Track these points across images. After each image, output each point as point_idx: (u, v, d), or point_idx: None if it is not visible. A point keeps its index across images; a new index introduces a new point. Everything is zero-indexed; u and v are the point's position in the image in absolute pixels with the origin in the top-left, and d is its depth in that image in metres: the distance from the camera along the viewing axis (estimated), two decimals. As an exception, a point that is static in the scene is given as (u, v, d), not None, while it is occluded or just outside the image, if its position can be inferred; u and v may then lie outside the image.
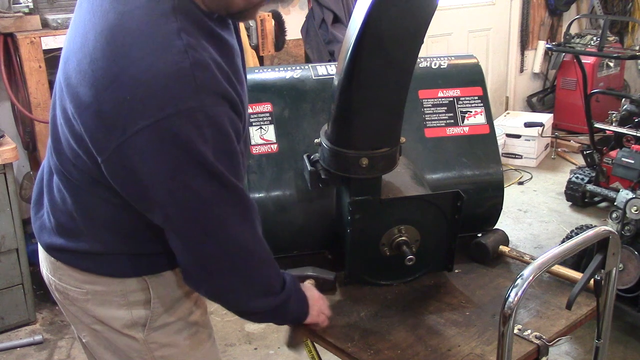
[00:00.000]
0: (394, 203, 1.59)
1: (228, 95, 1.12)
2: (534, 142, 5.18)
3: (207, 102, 1.07)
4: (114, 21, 1.10)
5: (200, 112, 1.06)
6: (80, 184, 1.24)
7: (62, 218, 1.31)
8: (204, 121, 1.07)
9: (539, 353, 1.44)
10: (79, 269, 1.32)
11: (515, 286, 1.21)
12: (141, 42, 1.07)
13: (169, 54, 1.06)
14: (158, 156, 1.07)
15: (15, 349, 2.96)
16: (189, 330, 1.40)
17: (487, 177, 1.89)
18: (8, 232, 2.92)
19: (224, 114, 1.11)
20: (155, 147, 1.06)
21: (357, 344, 1.47)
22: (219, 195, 1.13)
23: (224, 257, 1.21)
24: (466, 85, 1.97)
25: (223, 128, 1.11)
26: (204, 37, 1.13)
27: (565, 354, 2.88)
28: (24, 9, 3.04)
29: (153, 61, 1.06)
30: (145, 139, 1.05)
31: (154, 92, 1.05)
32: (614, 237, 1.38)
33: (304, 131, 1.81)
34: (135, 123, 1.05)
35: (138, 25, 1.09)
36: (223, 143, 1.11)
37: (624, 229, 2.96)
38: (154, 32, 1.08)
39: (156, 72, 1.05)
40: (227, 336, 3.05)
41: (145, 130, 1.05)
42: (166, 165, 1.08)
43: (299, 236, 1.78)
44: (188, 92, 1.06)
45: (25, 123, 3.22)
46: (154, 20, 1.09)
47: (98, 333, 1.37)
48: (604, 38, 3.92)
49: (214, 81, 1.10)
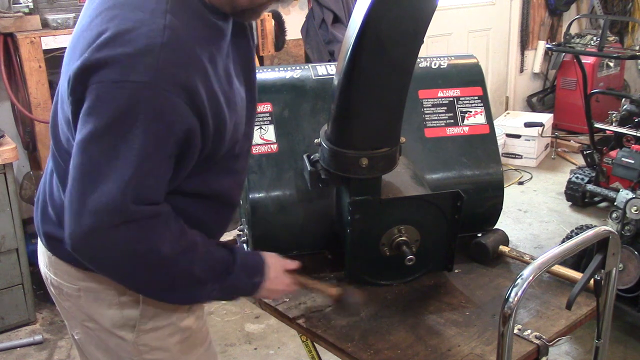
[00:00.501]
0: (394, 203, 1.59)
1: (191, 88, 1.10)
2: (534, 142, 5.18)
3: (161, 85, 1.07)
4: None
5: (147, 90, 1.06)
6: None
7: (57, 208, 1.32)
8: (148, 100, 1.07)
9: (538, 353, 1.44)
10: (72, 264, 1.32)
11: (515, 286, 1.21)
12: (126, 13, 1.10)
13: (145, 28, 1.08)
14: (92, 112, 1.08)
15: (15, 349, 2.97)
16: (181, 335, 1.39)
17: (487, 177, 1.88)
18: (8, 232, 2.92)
19: (175, 106, 1.09)
20: (93, 103, 1.08)
21: (357, 343, 1.47)
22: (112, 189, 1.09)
23: (101, 254, 1.15)
24: (466, 85, 1.96)
25: (163, 116, 1.09)
26: (196, 25, 1.14)
27: (565, 354, 2.88)
28: (24, 9, 3.05)
29: (128, 30, 1.08)
30: (94, 92, 1.08)
31: (115, 56, 1.07)
32: (614, 237, 1.38)
33: (304, 131, 1.81)
34: (93, 76, 1.07)
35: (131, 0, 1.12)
36: (157, 129, 1.09)
37: (624, 229, 2.96)
38: (141, 8, 1.11)
39: (126, 40, 1.07)
40: (227, 336, 3.05)
41: (96, 85, 1.07)
42: (93, 122, 1.08)
43: (299, 236, 1.78)
44: (146, 68, 1.06)
45: (25, 123, 3.22)
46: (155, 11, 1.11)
47: (90, 331, 1.37)
48: (604, 38, 3.92)
49: (179, 68, 1.09)
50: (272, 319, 3.06)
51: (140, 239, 1.13)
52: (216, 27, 1.20)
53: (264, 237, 1.75)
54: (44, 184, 1.40)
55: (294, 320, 1.59)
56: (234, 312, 3.23)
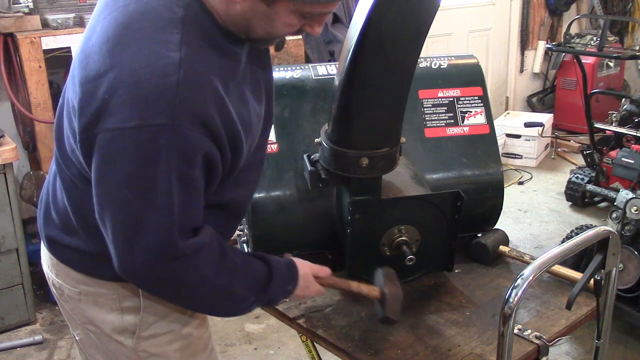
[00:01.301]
0: (394, 203, 1.59)
1: (210, 121, 1.09)
2: (534, 142, 5.18)
3: (180, 123, 1.05)
4: (123, 17, 1.11)
5: (167, 132, 1.05)
6: (74, 179, 1.25)
7: (60, 212, 1.32)
8: (169, 141, 1.05)
9: (539, 353, 1.44)
10: (73, 268, 1.32)
11: (515, 286, 1.21)
12: (138, 46, 1.07)
13: (160, 64, 1.05)
14: (115, 160, 1.08)
15: (15, 349, 2.97)
16: (182, 342, 1.38)
17: (487, 177, 1.88)
18: (8, 232, 2.92)
19: (195, 141, 1.08)
20: (115, 152, 1.07)
21: (357, 343, 1.47)
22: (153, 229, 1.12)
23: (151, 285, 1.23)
24: (466, 85, 1.96)
25: (186, 153, 1.08)
26: (211, 54, 1.12)
27: (565, 354, 2.88)
28: (24, 9, 3.05)
29: (141, 68, 1.05)
30: (107, 139, 1.07)
31: (130, 99, 1.04)
32: (614, 237, 1.38)
33: (304, 131, 1.81)
34: (105, 122, 1.06)
35: (143, 28, 1.09)
36: (181, 168, 1.08)
37: (624, 229, 2.96)
38: (154, 39, 1.07)
39: (140, 79, 1.04)
40: (227, 336, 3.05)
41: (110, 133, 1.06)
42: (118, 171, 1.08)
43: (299, 236, 1.78)
44: (163, 108, 1.04)
45: (25, 123, 3.22)
46: (160, 27, 1.08)
47: (90, 333, 1.37)
48: (604, 38, 3.92)
49: (197, 103, 1.07)
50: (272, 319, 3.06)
51: (189, 271, 1.17)
52: (230, 52, 1.17)
53: (264, 237, 1.75)
54: (47, 187, 1.40)
55: (294, 320, 1.59)
56: (234, 312, 3.23)
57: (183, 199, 1.11)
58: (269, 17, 1.13)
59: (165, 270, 1.16)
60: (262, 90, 1.32)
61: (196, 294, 1.23)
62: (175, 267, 1.16)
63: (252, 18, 1.13)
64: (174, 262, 1.15)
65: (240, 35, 1.18)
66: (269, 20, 1.14)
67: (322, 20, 1.19)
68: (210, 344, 1.47)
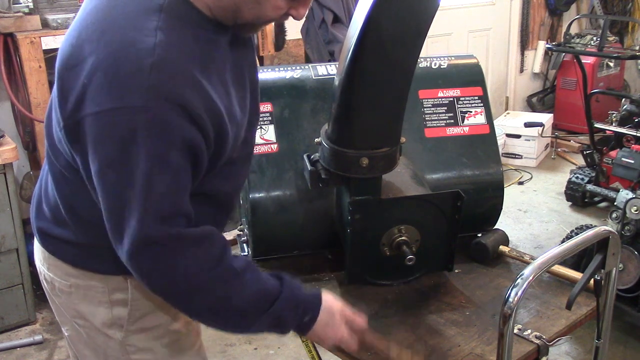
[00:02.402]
0: (394, 203, 1.59)
1: (187, 104, 1.09)
2: (534, 142, 5.18)
3: (154, 105, 1.06)
4: (102, 5, 1.15)
5: (145, 112, 1.06)
6: (63, 170, 1.25)
7: (50, 204, 1.33)
8: (145, 123, 1.06)
9: (539, 353, 1.44)
10: (64, 261, 1.33)
11: (515, 286, 1.21)
12: (115, 32, 1.10)
13: (134, 48, 1.07)
14: (96, 145, 1.09)
15: (15, 349, 2.97)
16: (170, 338, 1.38)
17: (487, 177, 1.88)
18: (8, 232, 2.92)
19: (173, 123, 1.08)
20: (96, 135, 1.09)
21: (357, 343, 1.47)
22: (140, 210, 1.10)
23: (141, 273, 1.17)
24: (466, 85, 1.96)
25: (164, 136, 1.08)
26: (188, 40, 1.13)
27: (565, 354, 2.88)
28: (24, 9, 3.05)
29: (116, 52, 1.08)
30: (89, 124, 1.09)
31: (107, 83, 1.07)
32: (614, 237, 1.38)
33: (304, 131, 1.81)
34: (86, 107, 1.08)
35: (120, 15, 1.12)
36: (158, 149, 1.08)
37: (624, 229, 2.96)
38: (131, 25, 1.10)
39: (115, 63, 1.07)
40: (227, 336, 3.05)
41: (91, 117, 1.08)
42: (101, 154, 1.09)
43: (299, 236, 1.78)
44: (138, 90, 1.06)
45: (25, 123, 3.22)
46: (136, 14, 1.11)
47: (79, 328, 1.38)
48: (604, 38, 3.92)
49: (171, 86, 1.08)
50: (272, 319, 3.07)
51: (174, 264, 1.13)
52: (210, 40, 1.18)
53: (264, 237, 1.75)
54: (41, 181, 1.41)
55: (294, 320, 1.59)
56: (234, 312, 3.23)
57: (164, 182, 1.10)
58: (257, 1, 1.15)
59: (150, 258, 1.12)
60: (247, 82, 1.32)
61: (189, 294, 1.16)
62: (157, 256, 1.12)
63: (242, 2, 1.15)
64: (155, 249, 1.11)
65: (227, 21, 1.19)
66: (258, 3, 1.15)
67: (308, 3, 1.20)
68: (198, 342, 1.47)
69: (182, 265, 1.13)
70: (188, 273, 1.14)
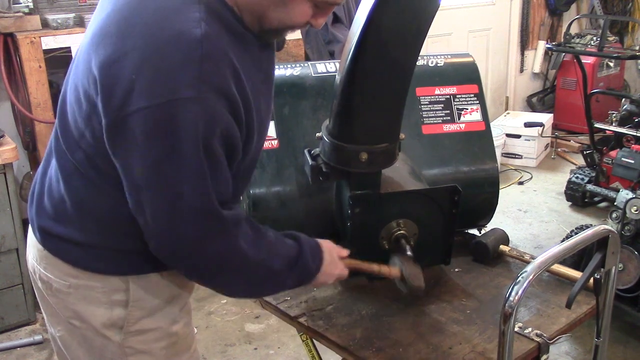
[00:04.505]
0: (393, 197, 1.60)
1: (231, 95, 1.12)
2: (534, 142, 5.18)
3: (206, 96, 1.08)
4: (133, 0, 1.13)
5: (197, 104, 1.08)
6: (78, 165, 1.25)
7: (54, 201, 1.31)
8: (198, 114, 1.08)
9: (539, 351, 1.44)
10: (64, 260, 1.31)
11: (516, 284, 1.21)
12: (159, 24, 1.09)
13: (183, 41, 1.08)
14: (148, 140, 1.09)
15: (15, 349, 2.97)
16: (168, 340, 1.38)
17: (483, 173, 1.91)
18: (8, 232, 2.92)
19: (220, 113, 1.11)
20: (148, 130, 1.09)
21: (359, 342, 1.47)
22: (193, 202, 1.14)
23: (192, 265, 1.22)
24: (462, 83, 1.99)
25: (213, 127, 1.11)
26: (226, 34, 1.14)
27: (565, 354, 2.88)
28: (24, 9, 3.05)
29: (164, 45, 1.08)
30: (142, 119, 1.08)
31: (158, 76, 1.07)
32: (613, 236, 1.38)
33: (304, 128, 1.82)
34: (136, 101, 1.08)
35: (159, 7, 1.11)
36: (208, 139, 1.11)
37: (624, 229, 2.96)
38: (173, 17, 1.10)
39: (165, 57, 1.07)
40: (227, 336, 3.05)
41: (143, 111, 1.08)
42: (155, 147, 1.10)
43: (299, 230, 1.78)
44: (190, 81, 1.07)
45: (25, 123, 3.23)
46: (176, 6, 1.11)
47: (75, 329, 1.36)
48: (604, 38, 3.93)
49: (220, 77, 1.10)
50: (272, 318, 3.07)
51: (231, 244, 1.20)
52: (245, 36, 1.20)
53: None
54: (40, 177, 1.38)
55: (295, 319, 1.59)
56: (234, 312, 3.23)
57: (214, 171, 1.14)
58: (285, 5, 1.17)
59: (210, 243, 1.17)
60: (272, 83, 1.35)
61: (238, 269, 1.24)
62: (219, 240, 1.18)
63: (269, 6, 1.17)
64: (218, 234, 1.18)
65: (253, 26, 1.20)
66: (285, 9, 1.17)
67: (329, 11, 1.22)
68: (193, 345, 1.47)
69: (239, 244, 1.21)
70: (242, 250, 1.22)
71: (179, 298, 1.40)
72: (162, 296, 1.36)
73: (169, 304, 1.37)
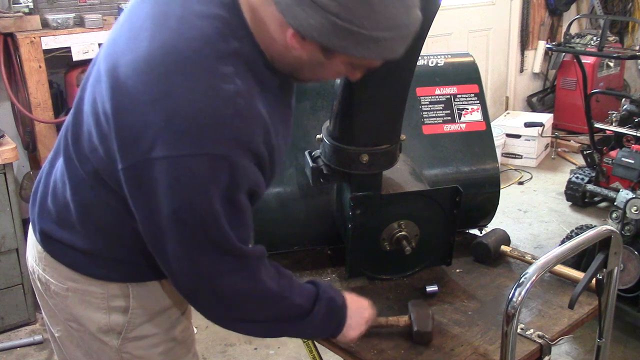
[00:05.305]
0: (394, 198, 1.60)
1: (259, 152, 1.13)
2: (534, 142, 5.18)
3: (236, 153, 1.08)
4: (175, 41, 1.09)
5: (225, 160, 1.07)
6: (86, 177, 1.23)
7: (58, 205, 1.30)
8: (226, 169, 1.08)
9: (541, 352, 1.44)
10: (63, 263, 1.31)
11: (519, 285, 1.20)
12: (195, 75, 1.07)
13: (217, 97, 1.06)
14: (171, 189, 1.08)
15: (15, 349, 2.96)
16: (166, 346, 1.38)
17: (484, 173, 1.91)
18: (8, 232, 2.92)
19: (247, 168, 1.11)
20: (172, 179, 1.07)
21: (361, 343, 1.47)
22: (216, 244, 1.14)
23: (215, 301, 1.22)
24: (463, 82, 1.99)
25: (241, 180, 1.11)
26: (258, 87, 1.13)
27: (566, 354, 2.88)
28: (24, 9, 3.05)
29: (198, 98, 1.06)
30: (165, 168, 1.07)
31: (187, 128, 1.05)
32: (615, 236, 1.38)
33: (304, 128, 1.81)
34: (161, 149, 1.06)
35: (198, 57, 1.08)
36: (234, 194, 1.12)
37: (624, 229, 2.96)
38: (208, 70, 1.07)
39: (197, 110, 1.06)
40: (227, 336, 3.05)
41: (167, 160, 1.06)
42: (176, 198, 1.09)
43: (300, 232, 1.79)
44: (220, 139, 1.07)
45: (25, 123, 3.22)
46: (215, 58, 1.08)
47: (73, 331, 1.35)
48: (604, 38, 3.92)
49: (250, 135, 1.10)
50: (273, 319, 3.07)
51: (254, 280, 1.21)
52: (272, 86, 1.19)
53: (265, 233, 1.74)
54: (44, 178, 1.36)
55: (296, 320, 1.58)
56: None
57: (237, 220, 1.15)
58: (322, 66, 1.15)
59: (231, 277, 1.18)
60: (292, 113, 1.34)
61: (260, 303, 1.24)
62: (240, 274, 1.19)
63: (306, 64, 1.16)
64: (240, 270, 1.18)
65: (284, 72, 1.20)
66: (321, 68, 1.17)
67: (365, 68, 1.21)
68: (192, 350, 1.47)
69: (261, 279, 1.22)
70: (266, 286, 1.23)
71: (180, 304, 1.40)
72: (164, 302, 1.36)
73: (170, 309, 1.37)
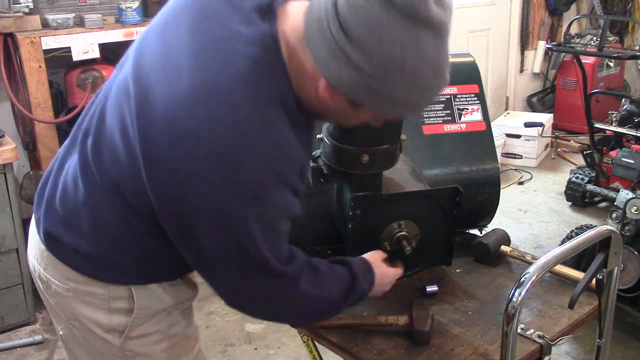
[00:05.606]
0: (394, 198, 1.60)
1: (296, 187, 1.17)
2: (534, 142, 5.18)
3: (277, 192, 1.12)
4: (215, 74, 1.09)
5: (263, 193, 1.11)
6: (102, 184, 1.22)
7: (67, 208, 1.28)
8: (263, 201, 1.11)
9: (541, 352, 1.44)
10: (65, 264, 1.30)
11: (520, 285, 1.20)
12: (235, 116, 1.08)
13: (260, 144, 1.08)
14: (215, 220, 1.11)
15: (15, 349, 2.96)
16: (168, 342, 1.38)
17: (484, 173, 1.91)
18: (8, 232, 2.92)
19: (289, 203, 1.16)
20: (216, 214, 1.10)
21: (361, 344, 1.47)
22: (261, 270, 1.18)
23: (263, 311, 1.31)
24: (463, 82, 1.98)
25: (284, 212, 1.16)
26: (291, 127, 1.15)
27: (566, 354, 2.88)
28: (24, 9, 3.05)
29: (241, 145, 1.07)
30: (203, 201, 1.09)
31: (231, 172, 1.07)
32: (615, 236, 1.38)
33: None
34: (200, 185, 1.08)
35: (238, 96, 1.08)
36: (275, 221, 1.16)
37: (624, 229, 2.96)
38: (241, 98, 1.08)
39: (240, 155, 1.07)
40: (227, 336, 3.05)
41: (208, 196, 1.09)
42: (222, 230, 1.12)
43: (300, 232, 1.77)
44: (263, 181, 1.10)
45: (25, 123, 3.22)
46: (255, 102, 1.09)
47: (75, 330, 1.36)
48: (604, 38, 3.92)
49: (291, 175, 1.14)
50: (273, 318, 3.07)
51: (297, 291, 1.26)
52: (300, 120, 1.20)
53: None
54: (53, 177, 1.34)
55: (296, 320, 1.58)
56: (234, 312, 3.23)
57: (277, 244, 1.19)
58: (348, 115, 1.19)
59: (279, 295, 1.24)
60: (310, 151, 1.39)
61: (303, 307, 1.32)
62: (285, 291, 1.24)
63: (333, 112, 1.19)
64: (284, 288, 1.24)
65: (310, 112, 1.22)
66: (347, 117, 1.21)
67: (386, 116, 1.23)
68: (197, 346, 1.47)
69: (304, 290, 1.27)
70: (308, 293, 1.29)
71: (183, 303, 1.40)
72: (167, 302, 1.36)
73: (172, 308, 1.37)
